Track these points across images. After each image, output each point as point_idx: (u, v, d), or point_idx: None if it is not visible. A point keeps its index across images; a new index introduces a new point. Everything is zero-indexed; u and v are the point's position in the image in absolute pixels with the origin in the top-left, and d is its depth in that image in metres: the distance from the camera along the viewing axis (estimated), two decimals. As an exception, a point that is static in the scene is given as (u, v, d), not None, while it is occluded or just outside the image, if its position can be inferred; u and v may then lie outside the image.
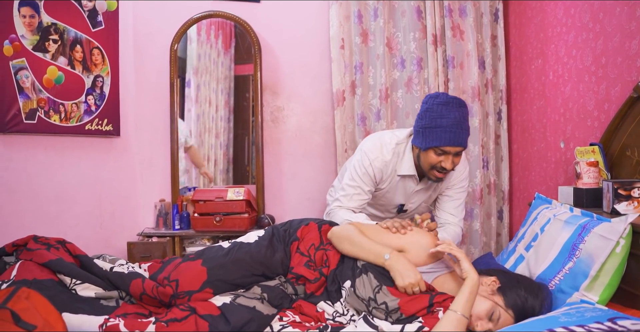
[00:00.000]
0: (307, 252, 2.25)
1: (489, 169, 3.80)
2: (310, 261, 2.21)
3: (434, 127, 2.45)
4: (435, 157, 2.50)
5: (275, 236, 2.30)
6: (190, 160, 3.91)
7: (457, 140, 2.44)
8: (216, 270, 2.11)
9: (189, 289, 2.05)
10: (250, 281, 2.14)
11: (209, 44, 3.86)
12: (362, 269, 2.09)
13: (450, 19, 3.70)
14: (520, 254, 2.38)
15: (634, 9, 2.41)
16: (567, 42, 3.01)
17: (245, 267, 2.15)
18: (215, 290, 2.08)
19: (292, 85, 3.85)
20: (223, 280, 2.10)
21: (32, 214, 3.39)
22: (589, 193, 2.48)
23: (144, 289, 2.05)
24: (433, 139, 2.45)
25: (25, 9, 3.31)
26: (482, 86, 3.77)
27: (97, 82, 3.54)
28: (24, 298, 1.74)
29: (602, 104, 2.68)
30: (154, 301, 2.05)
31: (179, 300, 2.03)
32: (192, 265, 2.15)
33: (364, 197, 2.69)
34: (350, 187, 2.69)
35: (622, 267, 1.93)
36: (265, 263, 2.18)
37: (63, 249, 2.22)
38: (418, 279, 1.99)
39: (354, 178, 2.68)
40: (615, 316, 1.60)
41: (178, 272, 2.11)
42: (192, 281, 2.07)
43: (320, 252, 2.24)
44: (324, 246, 2.26)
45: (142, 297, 2.05)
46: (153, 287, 2.04)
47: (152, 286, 2.05)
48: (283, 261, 2.22)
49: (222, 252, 2.21)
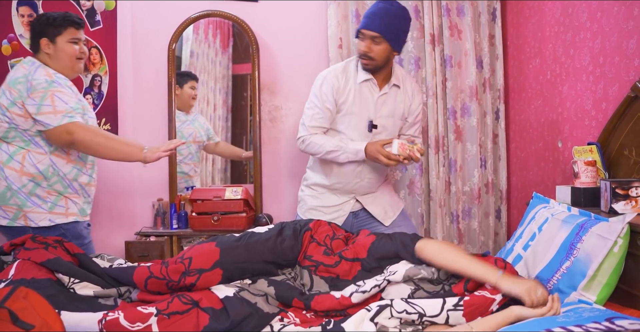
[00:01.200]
0: (323, 242, 2.29)
1: (486, 169, 3.80)
2: (328, 249, 2.26)
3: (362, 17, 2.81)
4: (359, 43, 2.79)
5: (285, 228, 2.34)
6: (225, 156, 3.94)
7: (370, 25, 2.71)
8: (229, 251, 2.15)
9: (200, 267, 2.08)
10: (260, 267, 2.16)
11: (207, 43, 3.86)
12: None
13: (448, 18, 3.70)
14: (518, 254, 2.39)
15: (632, 8, 2.42)
16: (564, 41, 3.01)
17: (257, 252, 2.18)
18: (225, 272, 2.10)
19: (290, 85, 3.84)
20: (234, 262, 2.13)
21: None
22: (586, 192, 2.49)
23: (151, 272, 2.06)
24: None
25: (24, 9, 3.31)
26: (479, 85, 3.78)
27: (95, 82, 3.54)
28: (22, 297, 1.74)
29: (600, 104, 2.68)
30: (159, 286, 2.06)
31: (189, 278, 2.05)
32: (206, 245, 2.20)
33: (326, 114, 2.85)
34: (309, 109, 2.89)
35: (620, 267, 1.94)
36: (275, 250, 2.21)
37: (61, 248, 2.23)
38: (539, 288, 1.88)
39: (312, 100, 2.90)
40: (613, 315, 1.61)
41: (192, 251, 2.16)
42: (205, 260, 2.10)
43: (337, 241, 2.30)
44: (339, 236, 2.33)
45: (147, 281, 2.06)
46: (162, 267, 2.07)
47: (161, 267, 2.08)
48: (294, 247, 2.25)
49: (234, 238, 2.25)
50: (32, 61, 2.69)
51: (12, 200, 2.62)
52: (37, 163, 2.62)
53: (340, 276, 2.17)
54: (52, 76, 2.63)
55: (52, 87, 2.58)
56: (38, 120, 2.56)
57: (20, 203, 2.62)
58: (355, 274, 2.17)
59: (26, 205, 2.62)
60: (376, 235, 2.29)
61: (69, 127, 2.56)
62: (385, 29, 2.71)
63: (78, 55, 2.76)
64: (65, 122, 2.55)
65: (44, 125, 2.56)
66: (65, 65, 2.73)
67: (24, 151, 2.62)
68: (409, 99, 2.93)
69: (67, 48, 2.71)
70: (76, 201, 2.74)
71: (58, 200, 2.68)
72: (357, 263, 2.19)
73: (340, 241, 2.32)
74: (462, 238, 3.77)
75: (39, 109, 2.54)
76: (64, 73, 2.71)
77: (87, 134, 2.60)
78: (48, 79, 2.59)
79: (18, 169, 2.61)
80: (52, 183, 2.65)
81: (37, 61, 2.69)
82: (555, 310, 1.81)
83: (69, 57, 2.73)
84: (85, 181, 2.77)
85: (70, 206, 2.71)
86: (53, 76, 2.63)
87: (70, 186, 2.71)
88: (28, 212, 2.63)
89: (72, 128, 2.56)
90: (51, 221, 2.65)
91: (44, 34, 2.69)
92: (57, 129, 2.55)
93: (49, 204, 2.65)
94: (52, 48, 2.70)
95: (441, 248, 2.06)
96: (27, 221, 2.63)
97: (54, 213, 2.66)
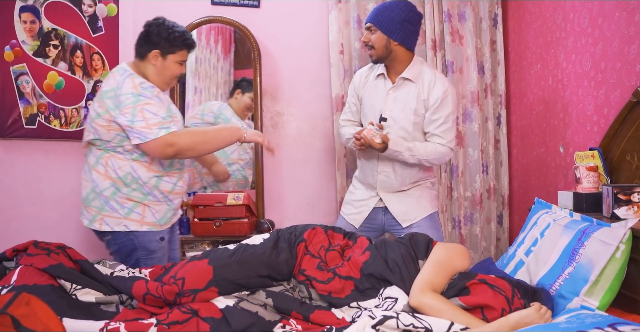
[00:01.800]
0: (317, 254, 2.27)
1: (488, 174, 3.80)
2: (322, 262, 2.24)
3: None
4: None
5: (280, 238, 2.32)
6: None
7: (367, 18, 2.95)
8: (222, 269, 2.12)
9: (194, 287, 2.05)
10: (256, 282, 2.14)
11: (209, 48, 3.87)
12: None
13: (449, 24, 3.71)
14: (520, 259, 2.38)
15: (633, 14, 2.42)
16: (566, 47, 3.02)
17: (251, 267, 2.16)
18: (220, 289, 2.08)
19: (292, 91, 3.85)
20: (228, 279, 2.10)
21: (32, 219, 3.39)
22: (588, 198, 2.49)
23: (147, 289, 2.04)
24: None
25: (26, 15, 3.32)
26: (481, 91, 3.78)
27: (97, 87, 3.54)
28: (24, 304, 1.74)
29: (602, 109, 2.68)
30: (157, 301, 2.05)
31: (184, 298, 2.03)
32: (198, 264, 2.16)
33: (352, 108, 3.14)
34: (345, 104, 3.22)
35: (622, 272, 1.93)
36: (270, 264, 2.19)
37: (63, 255, 2.22)
38: (540, 311, 1.89)
39: (347, 99, 3.22)
40: (615, 321, 1.60)
41: (185, 271, 2.12)
42: (198, 279, 2.08)
43: (332, 252, 2.28)
44: (334, 247, 2.31)
45: (145, 297, 2.04)
46: (158, 286, 2.05)
47: (157, 285, 2.05)
48: (288, 261, 2.23)
49: (228, 253, 2.22)
50: (124, 70, 2.66)
51: (94, 202, 2.65)
52: (117, 168, 2.61)
53: (332, 293, 2.14)
54: (138, 88, 2.59)
55: (139, 102, 2.55)
56: (132, 135, 2.54)
57: (99, 206, 2.64)
58: (349, 293, 2.14)
59: (104, 209, 2.64)
60: (370, 252, 2.27)
61: (168, 139, 2.53)
62: (376, 18, 2.88)
63: (179, 75, 2.79)
64: (162, 135, 2.52)
65: (140, 139, 2.53)
66: (163, 81, 2.74)
67: (108, 155, 2.63)
68: (424, 92, 2.89)
69: (173, 67, 2.73)
70: (157, 209, 2.69)
71: (135, 207, 2.65)
72: (350, 282, 2.17)
73: (336, 252, 2.30)
74: (464, 244, 3.76)
75: (133, 124, 2.52)
76: (158, 85, 2.70)
77: (186, 138, 2.59)
78: (135, 92, 2.56)
79: (102, 172, 2.63)
80: (132, 190, 2.63)
81: (128, 69, 2.66)
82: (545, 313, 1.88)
83: (171, 76, 2.75)
84: (167, 188, 2.71)
85: (147, 214, 2.67)
86: (139, 88, 2.59)
87: (151, 194, 2.66)
88: (105, 216, 2.63)
89: (172, 139, 2.53)
90: (126, 226, 2.63)
91: (158, 46, 2.68)
92: (156, 141, 2.52)
93: (125, 209, 2.63)
94: (160, 62, 2.70)
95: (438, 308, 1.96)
96: (102, 224, 2.63)
97: (129, 219, 2.64)
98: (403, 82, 2.93)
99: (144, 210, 2.66)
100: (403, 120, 2.91)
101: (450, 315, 1.91)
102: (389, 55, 2.90)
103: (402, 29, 2.86)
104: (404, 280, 2.13)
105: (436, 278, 2.09)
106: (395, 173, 2.96)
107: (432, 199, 3.08)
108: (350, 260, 2.25)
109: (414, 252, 2.24)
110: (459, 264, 2.18)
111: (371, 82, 3.03)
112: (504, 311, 1.91)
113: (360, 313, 2.02)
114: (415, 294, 2.03)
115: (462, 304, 1.97)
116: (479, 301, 1.96)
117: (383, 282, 2.16)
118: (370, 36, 2.90)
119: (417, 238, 2.30)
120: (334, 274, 2.19)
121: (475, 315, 1.93)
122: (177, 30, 2.71)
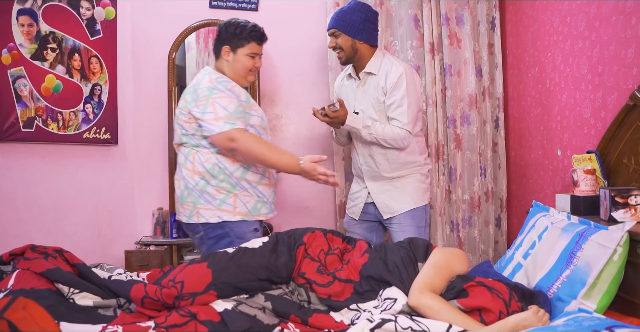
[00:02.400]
0: (317, 258, 2.28)
1: (486, 177, 3.80)
2: (322, 266, 2.25)
3: None
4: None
5: (279, 242, 2.32)
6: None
7: (328, 24, 3.09)
8: (221, 272, 2.12)
9: (193, 290, 2.05)
10: (255, 285, 2.14)
11: (207, 52, 3.87)
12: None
13: (447, 27, 3.71)
14: (518, 262, 2.38)
15: (629, 17, 2.43)
16: (563, 50, 3.02)
17: (250, 271, 2.16)
18: (219, 293, 2.08)
19: (291, 94, 3.85)
20: (227, 283, 2.10)
21: (29, 223, 3.38)
22: (586, 201, 2.49)
23: (146, 292, 2.04)
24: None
25: (24, 18, 3.32)
26: (479, 94, 3.78)
27: (95, 91, 3.55)
28: (21, 308, 1.74)
29: (599, 112, 2.69)
30: (155, 304, 2.05)
31: (183, 302, 2.03)
32: (197, 267, 2.15)
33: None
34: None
35: (620, 275, 1.94)
36: (269, 268, 2.19)
37: (61, 258, 2.22)
38: (538, 314, 1.89)
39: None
40: (613, 324, 1.60)
41: (184, 274, 2.12)
42: (197, 283, 2.07)
43: (331, 256, 2.29)
44: (334, 251, 2.32)
45: (143, 301, 2.04)
46: (156, 289, 2.04)
47: (156, 288, 2.05)
48: (287, 264, 2.23)
49: (227, 256, 2.22)
50: (206, 70, 2.84)
51: (189, 198, 2.76)
52: (204, 162, 2.73)
53: (332, 296, 2.15)
54: (214, 82, 2.72)
55: (212, 94, 2.68)
56: (202, 127, 2.68)
57: (194, 200, 2.74)
58: (348, 296, 2.15)
59: (199, 202, 2.74)
60: (369, 254, 2.28)
61: (232, 134, 2.63)
62: (339, 23, 3.02)
63: (252, 68, 2.89)
64: (227, 129, 2.63)
65: (208, 131, 2.66)
66: (238, 75, 2.86)
67: (194, 151, 2.75)
68: (382, 80, 3.02)
69: (245, 60, 2.84)
70: (247, 199, 2.78)
71: (227, 198, 2.74)
72: (350, 285, 2.18)
73: (335, 256, 2.30)
74: (462, 246, 3.76)
75: (203, 116, 2.66)
76: (235, 80, 2.83)
77: (249, 142, 2.67)
78: (210, 86, 2.70)
79: (190, 168, 2.75)
80: (220, 181, 2.73)
81: (209, 69, 2.84)
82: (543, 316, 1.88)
83: (244, 69, 2.86)
84: (254, 179, 2.80)
85: (238, 204, 2.75)
86: (214, 82, 2.72)
87: (239, 184, 2.76)
88: (200, 208, 2.74)
89: (235, 135, 2.63)
90: (219, 217, 2.73)
91: (227, 41, 2.84)
92: (220, 135, 2.64)
93: (217, 201, 2.73)
94: (231, 57, 2.84)
95: (436, 308, 1.96)
96: (199, 217, 2.74)
97: (222, 210, 2.73)
98: (367, 76, 3.09)
99: (235, 200, 2.75)
100: (368, 111, 3.06)
101: (449, 316, 1.92)
102: (355, 54, 3.06)
103: (364, 28, 3.02)
104: (403, 281, 2.13)
105: (435, 279, 2.09)
106: (374, 159, 3.08)
107: (417, 193, 3.11)
108: (350, 263, 2.25)
109: (414, 255, 2.24)
110: (457, 266, 2.19)
111: (345, 84, 3.24)
112: (501, 313, 1.91)
113: (359, 315, 2.02)
114: (414, 294, 2.03)
115: (460, 307, 1.97)
116: (477, 303, 1.96)
117: (382, 283, 2.16)
118: (336, 40, 3.05)
119: (417, 242, 2.32)
120: (333, 277, 2.19)
121: (473, 317, 1.93)
122: (244, 24, 2.86)
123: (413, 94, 2.99)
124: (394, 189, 3.09)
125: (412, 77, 3.02)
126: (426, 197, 3.15)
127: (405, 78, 2.96)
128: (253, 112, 2.82)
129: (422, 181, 3.13)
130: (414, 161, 3.09)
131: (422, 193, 3.13)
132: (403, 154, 3.04)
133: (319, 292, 2.16)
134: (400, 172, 3.08)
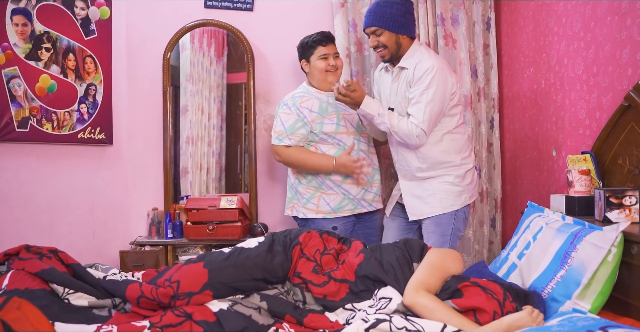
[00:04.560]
0: (313, 257, 2.28)
1: (481, 177, 3.81)
2: (318, 266, 2.25)
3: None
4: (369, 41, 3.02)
5: (275, 242, 2.32)
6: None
7: (366, 23, 2.96)
8: (217, 272, 2.12)
9: (189, 290, 2.05)
10: (251, 285, 2.15)
11: (202, 52, 3.86)
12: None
13: (442, 27, 3.71)
14: (512, 262, 2.39)
15: (625, 18, 2.43)
16: (558, 51, 3.03)
17: (246, 271, 2.16)
18: (215, 292, 2.08)
19: (286, 94, 3.84)
20: (223, 283, 2.10)
21: (24, 223, 3.37)
22: (580, 201, 2.49)
23: (142, 291, 2.04)
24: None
25: (18, 17, 3.30)
26: (474, 94, 3.79)
27: (89, 91, 3.54)
28: (15, 308, 1.73)
29: (594, 113, 2.69)
30: (151, 304, 2.04)
31: (179, 301, 2.03)
32: (193, 267, 2.16)
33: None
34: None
35: (614, 276, 1.94)
36: (265, 267, 2.20)
37: (55, 258, 2.21)
38: (532, 314, 1.90)
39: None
40: (607, 324, 1.61)
41: (180, 274, 2.12)
42: (193, 283, 2.08)
43: (327, 256, 2.30)
44: (329, 251, 2.32)
45: (139, 300, 2.04)
46: (152, 288, 2.04)
47: (151, 288, 2.05)
48: (283, 264, 2.24)
49: (223, 256, 2.22)
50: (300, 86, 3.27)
51: (289, 194, 3.26)
52: None
53: (327, 295, 2.16)
54: (289, 98, 3.17)
55: (280, 109, 3.16)
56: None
57: (291, 196, 3.24)
58: (344, 296, 2.16)
59: (294, 198, 3.22)
60: (364, 254, 2.28)
61: (277, 149, 3.14)
62: (377, 19, 2.91)
63: (327, 68, 3.14)
64: (275, 144, 3.15)
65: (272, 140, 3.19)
66: (318, 79, 3.17)
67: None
68: (411, 74, 2.88)
69: (318, 64, 3.15)
70: (332, 198, 3.12)
71: (312, 197, 3.14)
72: (345, 285, 2.18)
73: (331, 256, 2.31)
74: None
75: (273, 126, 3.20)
76: (319, 86, 3.18)
77: (289, 157, 3.11)
78: (283, 101, 3.19)
79: (291, 168, 3.23)
80: (309, 180, 3.15)
81: (302, 84, 3.26)
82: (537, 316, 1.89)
83: (319, 72, 3.15)
84: (339, 178, 3.12)
85: (321, 204, 3.13)
86: (289, 98, 3.17)
87: (324, 183, 3.12)
88: (294, 203, 3.22)
89: (279, 151, 3.13)
90: (304, 214, 3.16)
91: (302, 56, 3.20)
92: (273, 147, 3.17)
93: (304, 199, 3.16)
94: (309, 67, 3.19)
95: (431, 307, 1.97)
96: (293, 210, 3.23)
97: (306, 208, 3.15)
98: (400, 71, 2.98)
99: (319, 200, 3.13)
100: (399, 107, 2.98)
101: (443, 315, 1.92)
102: (399, 50, 2.96)
103: (406, 21, 2.94)
104: (398, 280, 2.14)
105: (430, 279, 2.10)
106: (404, 156, 2.99)
107: (448, 197, 2.92)
108: (345, 263, 2.26)
109: (409, 255, 2.25)
110: (452, 267, 2.19)
111: (384, 76, 3.15)
112: (495, 314, 1.92)
113: (354, 315, 2.02)
114: (409, 293, 2.04)
115: (455, 307, 1.98)
116: (472, 303, 1.97)
117: (377, 283, 2.17)
118: (378, 39, 2.93)
119: (412, 243, 2.33)
120: (329, 277, 2.20)
121: (468, 318, 1.94)
122: (308, 36, 3.19)
123: (437, 91, 2.80)
124: (422, 191, 2.96)
125: (441, 73, 2.82)
126: (459, 202, 2.93)
127: (433, 73, 2.80)
128: (326, 121, 3.11)
129: (455, 184, 2.92)
130: (448, 161, 2.92)
131: (455, 197, 2.92)
132: (436, 153, 2.90)
133: (315, 292, 2.16)
134: (432, 173, 2.93)
